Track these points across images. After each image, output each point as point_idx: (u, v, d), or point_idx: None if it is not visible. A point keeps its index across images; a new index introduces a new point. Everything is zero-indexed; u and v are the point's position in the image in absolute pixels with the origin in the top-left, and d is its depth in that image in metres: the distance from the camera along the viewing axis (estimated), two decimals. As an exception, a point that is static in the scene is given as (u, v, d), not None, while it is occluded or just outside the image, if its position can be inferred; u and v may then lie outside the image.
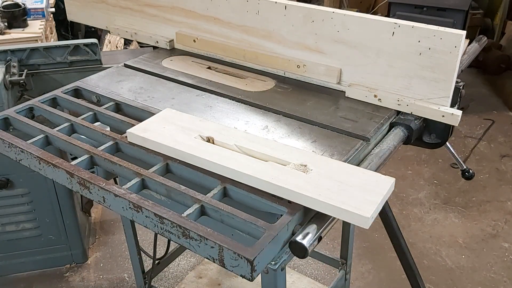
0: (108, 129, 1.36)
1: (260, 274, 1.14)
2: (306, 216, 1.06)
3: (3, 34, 3.07)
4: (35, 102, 1.47)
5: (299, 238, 0.98)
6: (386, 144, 1.30)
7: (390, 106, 1.43)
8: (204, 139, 1.23)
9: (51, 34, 3.53)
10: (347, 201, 1.00)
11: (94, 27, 4.54)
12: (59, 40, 3.95)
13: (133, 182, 1.13)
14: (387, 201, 1.22)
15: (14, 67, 2.19)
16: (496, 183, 3.46)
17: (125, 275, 2.72)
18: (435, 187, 3.43)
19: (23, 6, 3.19)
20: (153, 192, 1.16)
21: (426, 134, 1.45)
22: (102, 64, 2.31)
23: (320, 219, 1.03)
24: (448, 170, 3.59)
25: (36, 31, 3.14)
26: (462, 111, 1.35)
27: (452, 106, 1.36)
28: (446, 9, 3.73)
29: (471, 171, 2.13)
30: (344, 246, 2.11)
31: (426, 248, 2.88)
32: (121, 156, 1.23)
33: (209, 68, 1.70)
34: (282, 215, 1.03)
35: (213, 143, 1.22)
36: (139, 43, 3.27)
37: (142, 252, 2.10)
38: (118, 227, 3.01)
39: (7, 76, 2.13)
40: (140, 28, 1.89)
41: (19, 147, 1.26)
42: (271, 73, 1.64)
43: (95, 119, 1.42)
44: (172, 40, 1.83)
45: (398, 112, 1.43)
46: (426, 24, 1.31)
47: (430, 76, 1.34)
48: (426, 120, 1.40)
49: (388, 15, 3.95)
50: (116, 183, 1.31)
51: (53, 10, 3.54)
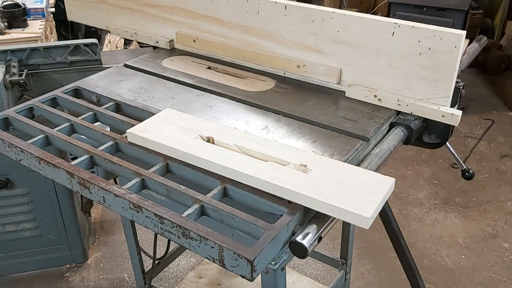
0: (108, 129, 1.36)
1: (260, 274, 1.14)
2: (306, 216, 1.06)
3: (3, 34, 3.07)
4: (35, 102, 1.47)
5: (299, 238, 0.98)
6: (386, 144, 1.30)
7: (390, 106, 1.43)
8: (204, 139, 1.23)
9: (51, 34, 3.53)
10: (347, 201, 1.00)
11: (94, 27, 4.53)
12: (59, 40, 3.95)
13: (133, 182, 1.13)
14: (387, 201, 1.22)
15: (14, 67, 2.19)
16: (496, 183, 3.46)
17: (125, 275, 2.72)
18: (435, 187, 3.43)
19: (23, 6, 3.18)
20: (153, 192, 1.16)
21: (426, 134, 1.45)
22: (102, 64, 2.31)
23: (320, 219, 1.03)
24: (448, 170, 3.59)
25: (36, 31, 3.14)
26: (462, 111, 1.35)
27: (452, 106, 1.36)
28: (446, 9, 3.73)
29: (471, 171, 2.13)
30: (344, 246, 2.11)
31: (426, 248, 2.88)
32: (121, 156, 1.23)
33: (209, 68, 1.70)
34: (282, 215, 1.03)
35: (213, 143, 1.22)
36: (139, 43, 3.27)
37: (142, 252, 2.10)
38: (118, 227, 3.01)
39: (7, 76, 2.13)
40: (140, 28, 1.89)
41: (19, 147, 1.26)
42: (271, 73, 1.64)
43: (95, 119, 1.42)
44: (172, 40, 1.83)
45: (398, 112, 1.43)
46: (426, 24, 1.31)
47: (430, 76, 1.34)
48: (426, 120, 1.40)
49: (388, 15, 3.95)
50: (116, 183, 1.31)
51: (53, 10, 3.54)
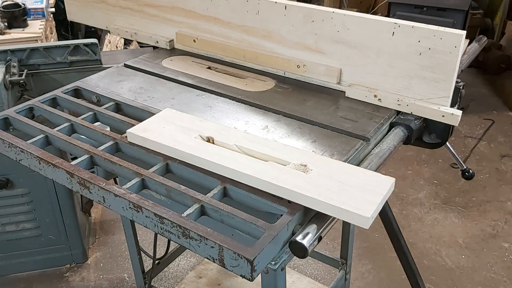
0: (108, 129, 1.36)
1: (260, 274, 1.14)
2: (306, 216, 1.06)
3: (3, 34, 3.07)
4: (35, 102, 1.47)
5: (299, 238, 0.98)
6: (386, 144, 1.30)
7: (390, 106, 1.43)
8: (204, 139, 1.23)
9: (51, 34, 3.53)
10: (347, 201, 1.00)
11: (94, 27, 4.53)
12: (59, 40, 3.95)
13: (133, 182, 1.13)
14: (387, 201, 1.22)
15: (14, 67, 2.19)
16: (496, 183, 3.46)
17: (125, 275, 2.72)
18: (435, 187, 3.43)
19: (23, 6, 3.18)
20: (153, 192, 1.16)
21: (426, 134, 1.45)
22: (102, 64, 2.31)
23: (320, 219, 1.03)
24: (448, 170, 3.59)
25: (36, 31, 3.14)
26: (462, 111, 1.35)
27: (452, 106, 1.36)
28: (446, 9, 3.73)
29: (471, 171, 2.13)
30: (344, 246, 2.11)
31: (426, 248, 2.88)
32: (121, 156, 1.23)
33: (209, 68, 1.70)
34: (282, 215, 1.03)
35: (213, 143, 1.22)
36: (139, 43, 3.27)
37: (142, 252, 2.10)
38: (118, 227, 3.01)
39: (7, 76, 2.13)
40: (140, 28, 1.89)
41: (19, 147, 1.26)
42: (271, 73, 1.64)
43: (95, 119, 1.42)
44: (172, 40, 1.83)
45: (398, 112, 1.43)
46: (426, 24, 1.31)
47: (430, 76, 1.34)
48: (426, 120, 1.40)
49: (388, 15, 3.95)
50: (116, 183, 1.31)
51: (53, 10, 3.54)
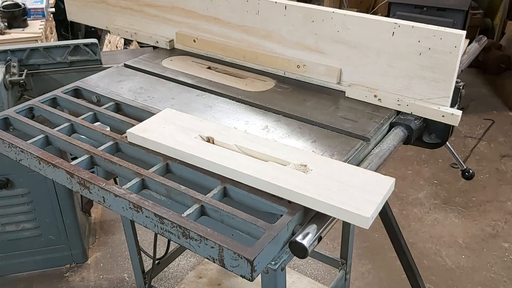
0: (108, 129, 1.36)
1: (260, 274, 1.14)
2: (306, 216, 1.06)
3: (3, 34, 3.07)
4: (35, 102, 1.47)
5: (299, 238, 0.98)
6: (386, 144, 1.30)
7: (390, 106, 1.43)
8: (204, 139, 1.23)
9: (51, 34, 3.53)
10: (347, 201, 1.00)
11: (94, 27, 4.53)
12: (59, 40, 3.95)
13: (133, 182, 1.13)
14: (387, 201, 1.22)
15: (14, 67, 2.19)
16: (496, 183, 3.46)
17: (125, 275, 2.72)
18: (435, 187, 3.43)
19: (23, 6, 3.18)
20: (153, 192, 1.16)
21: (426, 134, 1.45)
22: (102, 64, 2.31)
23: (320, 219, 1.03)
24: (448, 170, 3.59)
25: (36, 31, 3.14)
26: (462, 111, 1.35)
27: (452, 106, 1.36)
28: (446, 9, 3.73)
29: (471, 171, 2.12)
30: (344, 246, 2.11)
31: (426, 248, 2.88)
32: (121, 156, 1.23)
33: (209, 68, 1.70)
34: (282, 215, 1.03)
35: (213, 143, 1.22)
36: (139, 43, 3.27)
37: (142, 252, 2.10)
38: (118, 227, 3.01)
39: (7, 76, 2.13)
40: (140, 28, 1.89)
41: (19, 147, 1.26)
42: (271, 73, 1.64)
43: (95, 119, 1.42)
44: (172, 40, 1.83)
45: (398, 112, 1.43)
46: (426, 24, 1.31)
47: (430, 76, 1.34)
48: (426, 120, 1.40)
49: (388, 15, 3.95)
50: (116, 183, 1.31)
51: (53, 10, 3.54)
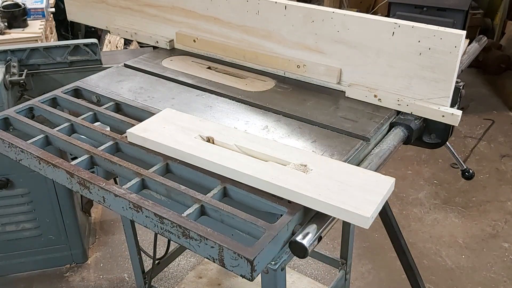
0: (108, 129, 1.36)
1: (260, 274, 1.14)
2: (306, 216, 1.06)
3: (3, 34, 3.07)
4: (35, 102, 1.47)
5: (299, 238, 0.98)
6: (386, 144, 1.30)
7: (390, 106, 1.43)
8: (204, 139, 1.23)
9: (51, 34, 3.53)
10: (347, 201, 1.00)
11: (94, 27, 4.53)
12: (59, 40, 3.95)
13: (133, 182, 1.13)
14: (387, 201, 1.22)
15: (14, 67, 2.19)
16: (496, 183, 3.46)
17: (125, 275, 2.72)
18: (435, 187, 3.43)
19: (23, 6, 3.18)
20: (153, 192, 1.16)
21: (426, 134, 1.45)
22: (102, 64, 2.31)
23: (320, 219, 1.03)
24: (448, 170, 3.59)
25: (36, 31, 3.14)
26: (462, 111, 1.35)
27: (452, 106, 1.36)
28: (446, 9, 3.73)
29: (471, 171, 2.12)
30: (344, 246, 2.11)
31: (426, 248, 2.88)
32: (121, 156, 1.23)
33: (209, 68, 1.70)
34: (282, 215, 1.03)
35: (213, 143, 1.22)
36: (139, 43, 3.27)
37: (142, 252, 2.10)
38: (118, 227, 3.01)
39: (7, 76, 2.13)
40: (140, 28, 1.89)
41: (19, 147, 1.26)
42: (271, 73, 1.64)
43: (95, 119, 1.42)
44: (172, 40, 1.83)
45: (398, 112, 1.43)
46: (426, 24, 1.31)
47: (430, 76, 1.34)
48: (426, 120, 1.40)
49: (388, 15, 3.95)
50: (116, 183, 1.31)
51: (53, 10, 3.54)
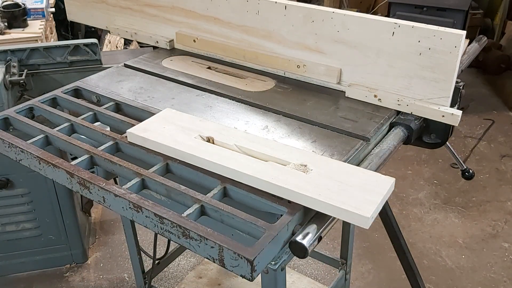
0: (108, 129, 1.36)
1: (260, 274, 1.14)
2: (306, 216, 1.06)
3: (3, 34, 3.07)
4: (35, 102, 1.47)
5: (299, 238, 0.98)
6: (386, 144, 1.30)
7: (390, 106, 1.43)
8: (204, 139, 1.23)
9: (51, 34, 3.53)
10: (347, 201, 1.00)
11: (94, 27, 4.53)
12: (59, 40, 3.95)
13: (133, 182, 1.13)
14: (387, 201, 1.22)
15: (14, 67, 2.19)
16: (496, 183, 3.46)
17: (125, 275, 2.72)
18: (435, 187, 3.43)
19: (23, 6, 3.18)
20: (153, 192, 1.16)
21: (426, 134, 1.45)
22: (102, 64, 2.31)
23: (320, 219, 1.03)
24: (448, 170, 3.59)
25: (36, 31, 3.14)
26: (462, 111, 1.35)
27: (452, 106, 1.36)
28: (446, 9, 3.73)
29: (471, 171, 2.12)
30: (344, 246, 2.11)
31: (426, 248, 2.88)
32: (121, 156, 1.23)
33: (209, 68, 1.70)
34: (282, 215, 1.03)
35: (213, 143, 1.22)
36: (139, 43, 3.27)
37: (142, 252, 2.10)
38: (118, 227, 3.01)
39: (7, 76, 2.13)
40: (140, 28, 1.89)
41: (19, 147, 1.26)
42: (271, 73, 1.64)
43: (95, 119, 1.42)
44: (172, 40, 1.83)
45: (398, 112, 1.43)
46: (426, 24, 1.31)
47: (430, 76, 1.34)
48: (426, 120, 1.40)
49: (388, 15, 3.95)
50: (116, 183, 1.31)
51: (53, 10, 3.54)
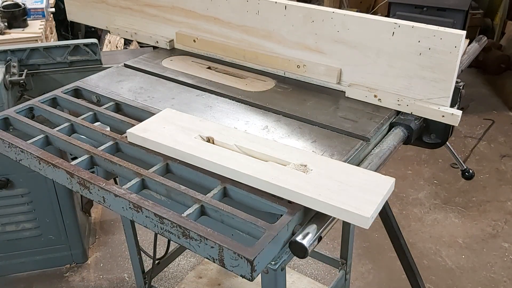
0: (108, 129, 1.36)
1: (260, 274, 1.14)
2: (306, 216, 1.06)
3: (3, 34, 3.07)
4: (35, 102, 1.47)
5: (299, 238, 0.98)
6: (386, 144, 1.30)
7: (390, 106, 1.43)
8: (204, 139, 1.23)
9: (51, 34, 3.53)
10: (347, 201, 1.00)
11: (94, 27, 4.53)
12: (59, 40, 3.95)
13: (133, 182, 1.13)
14: (387, 201, 1.22)
15: (14, 67, 2.19)
16: (496, 183, 3.46)
17: (125, 275, 2.72)
18: (435, 187, 3.43)
19: (23, 6, 3.19)
20: (153, 192, 1.16)
21: (426, 134, 1.45)
22: (102, 64, 2.31)
23: (320, 219, 1.03)
24: (448, 170, 3.59)
25: (36, 31, 3.14)
26: (462, 111, 1.35)
27: (452, 106, 1.36)
28: (446, 9, 3.73)
29: (471, 171, 2.12)
30: (344, 246, 2.11)
31: (426, 248, 2.88)
32: (121, 156, 1.23)
33: (209, 68, 1.70)
34: (282, 215, 1.03)
35: (213, 143, 1.22)
36: (139, 43, 3.27)
37: (142, 252, 2.10)
38: (118, 227, 3.01)
39: (7, 76, 2.13)
40: (140, 28, 1.89)
41: (19, 147, 1.26)
42: (271, 73, 1.64)
43: (95, 119, 1.42)
44: (172, 40, 1.83)
45: (398, 112, 1.43)
46: (426, 24, 1.31)
47: (430, 76, 1.34)
48: (426, 120, 1.40)
49: (388, 15, 3.95)
50: (116, 183, 1.31)
51: (53, 10, 3.54)
